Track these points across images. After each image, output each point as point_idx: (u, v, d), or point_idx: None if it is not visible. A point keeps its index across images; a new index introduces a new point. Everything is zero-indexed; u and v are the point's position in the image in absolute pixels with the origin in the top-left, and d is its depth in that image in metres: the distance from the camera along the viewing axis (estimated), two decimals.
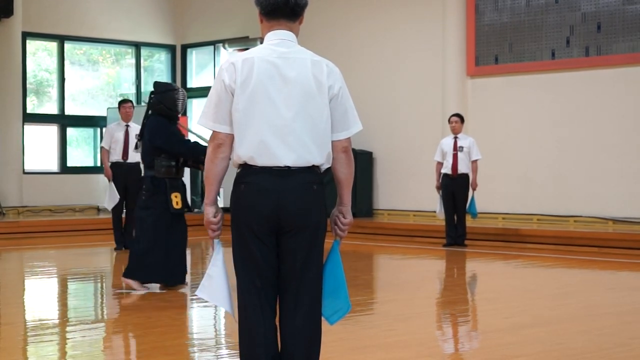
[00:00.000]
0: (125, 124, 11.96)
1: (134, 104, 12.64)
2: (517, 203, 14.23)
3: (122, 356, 5.81)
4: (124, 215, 12.08)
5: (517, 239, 12.71)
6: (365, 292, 8.39)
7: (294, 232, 3.70)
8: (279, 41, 3.76)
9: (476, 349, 6.05)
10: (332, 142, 3.77)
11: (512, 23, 14.45)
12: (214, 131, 3.73)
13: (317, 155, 3.71)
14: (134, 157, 11.89)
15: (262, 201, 3.67)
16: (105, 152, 11.88)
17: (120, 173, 11.77)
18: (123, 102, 12.17)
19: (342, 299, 3.83)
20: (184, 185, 8.49)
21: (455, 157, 12.30)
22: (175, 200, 8.23)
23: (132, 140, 11.87)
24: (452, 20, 14.95)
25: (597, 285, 9.32)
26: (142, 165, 12.02)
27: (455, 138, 12.41)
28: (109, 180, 11.77)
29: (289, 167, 3.68)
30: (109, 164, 11.79)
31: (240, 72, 3.69)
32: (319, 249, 3.76)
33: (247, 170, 3.71)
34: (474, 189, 12.44)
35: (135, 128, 12.02)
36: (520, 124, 14.38)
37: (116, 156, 11.80)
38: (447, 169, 12.39)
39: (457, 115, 12.59)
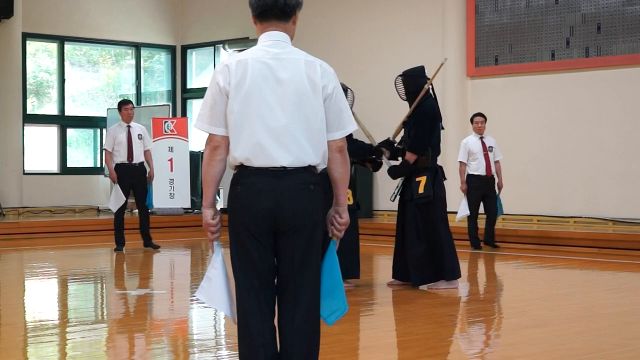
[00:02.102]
0: (126, 124, 11.96)
1: (134, 104, 12.65)
2: (517, 204, 14.22)
3: (122, 357, 5.82)
4: (125, 216, 12.10)
5: (516, 240, 12.69)
6: (365, 292, 8.39)
7: (291, 232, 3.70)
8: (272, 42, 3.77)
9: (476, 350, 6.06)
10: (328, 142, 3.77)
11: (512, 24, 14.46)
12: (210, 134, 3.74)
13: (312, 155, 3.72)
14: (139, 157, 11.92)
15: (258, 202, 3.67)
16: (108, 154, 11.87)
17: (126, 174, 11.78)
18: (124, 103, 12.15)
19: (339, 299, 3.83)
20: (353, 182, 8.44)
21: (487, 157, 12.01)
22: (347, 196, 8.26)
23: (135, 141, 11.89)
24: (452, 21, 14.96)
25: (597, 285, 9.31)
26: (146, 165, 12.08)
27: (482, 138, 12.23)
28: (114, 182, 11.79)
29: (285, 167, 3.68)
30: (114, 165, 11.80)
31: (234, 74, 3.70)
32: (316, 249, 3.76)
33: (243, 172, 3.72)
34: (500, 189, 12.26)
35: (137, 128, 12.03)
36: (520, 125, 14.38)
37: (121, 157, 11.81)
38: (479, 171, 12.07)
39: (481, 115, 12.31)
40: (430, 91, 8.74)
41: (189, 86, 19.56)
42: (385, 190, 15.95)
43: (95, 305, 8.29)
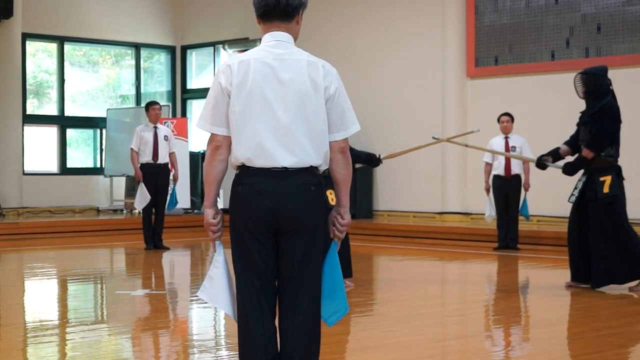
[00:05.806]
0: (153, 125, 12.08)
1: (134, 105, 12.69)
2: None
3: (122, 357, 5.81)
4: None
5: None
6: (365, 293, 8.39)
7: (292, 232, 3.70)
8: (275, 42, 3.76)
9: (476, 350, 6.05)
10: (330, 142, 3.76)
11: (512, 24, 14.45)
12: (212, 133, 3.75)
13: (314, 156, 3.71)
14: (164, 158, 12.01)
15: (260, 202, 3.68)
16: (134, 153, 11.99)
17: (151, 174, 11.89)
18: (152, 104, 12.29)
19: (340, 300, 3.83)
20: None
21: (507, 157, 11.81)
22: (331, 197, 8.23)
23: (161, 142, 12.01)
24: (452, 21, 14.96)
25: None
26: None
27: (506, 138, 12.09)
28: (140, 182, 11.90)
29: (286, 168, 3.68)
30: (139, 165, 11.91)
31: (236, 74, 3.70)
32: (317, 249, 3.76)
33: (244, 172, 3.72)
34: (526, 190, 12.10)
35: (163, 129, 12.15)
36: (520, 125, 14.35)
37: (146, 157, 11.95)
38: (499, 170, 11.99)
39: (508, 114, 12.17)
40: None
41: (188, 87, 19.55)
42: (385, 190, 15.96)
43: (95, 306, 8.28)
